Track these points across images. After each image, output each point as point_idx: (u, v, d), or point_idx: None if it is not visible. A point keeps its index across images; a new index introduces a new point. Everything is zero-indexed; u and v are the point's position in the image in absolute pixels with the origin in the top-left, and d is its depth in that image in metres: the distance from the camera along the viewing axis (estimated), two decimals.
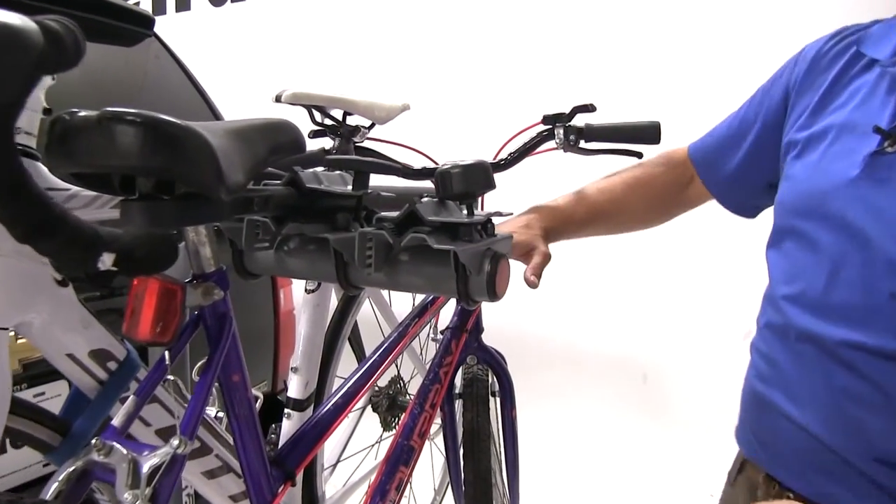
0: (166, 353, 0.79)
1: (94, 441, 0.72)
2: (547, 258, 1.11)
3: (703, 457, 2.64)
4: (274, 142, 0.85)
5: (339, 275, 0.92)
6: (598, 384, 3.27)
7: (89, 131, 0.66)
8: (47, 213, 0.52)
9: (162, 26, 2.08)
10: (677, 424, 3.05)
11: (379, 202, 1.02)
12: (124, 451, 0.72)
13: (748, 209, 1.23)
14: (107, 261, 0.56)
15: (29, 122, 0.80)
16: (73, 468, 0.73)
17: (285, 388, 1.64)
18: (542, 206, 1.25)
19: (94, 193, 0.87)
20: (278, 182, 0.92)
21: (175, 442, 0.72)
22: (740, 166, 1.18)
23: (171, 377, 0.87)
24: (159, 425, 0.97)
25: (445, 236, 0.87)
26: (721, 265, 2.90)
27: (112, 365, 0.90)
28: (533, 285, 1.05)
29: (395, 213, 0.90)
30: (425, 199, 0.89)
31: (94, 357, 0.88)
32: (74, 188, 0.86)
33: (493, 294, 0.88)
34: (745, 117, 1.17)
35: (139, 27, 2.06)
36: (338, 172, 1.00)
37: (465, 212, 0.92)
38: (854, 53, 1.01)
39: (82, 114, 0.67)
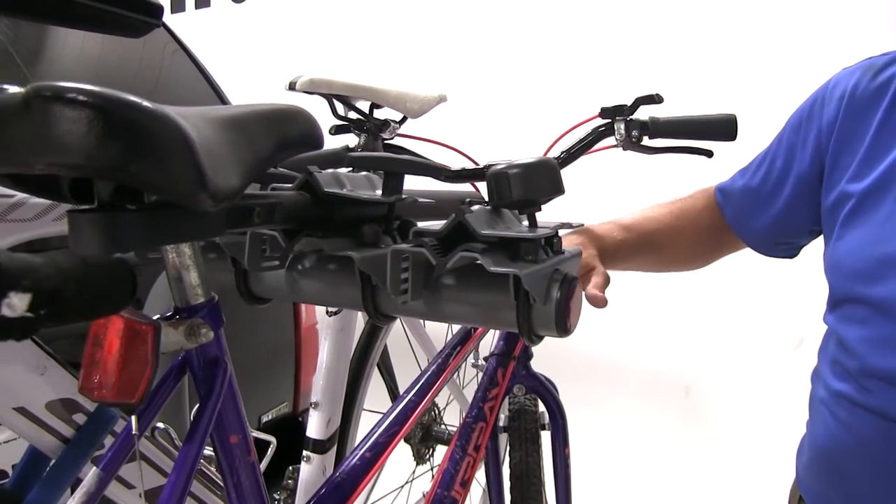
0: (133, 419, 0.59)
1: None
2: (608, 279, 0.98)
3: (747, 474, 2.57)
4: (282, 134, 0.66)
5: (367, 302, 0.73)
6: (639, 398, 3.14)
7: (13, 116, 0.47)
8: None
9: (181, 24, 1.94)
10: (720, 440, 2.93)
11: (415, 211, 0.82)
12: None
13: (789, 252, 1.17)
14: (17, 304, 0.37)
15: None
16: None
17: (307, 410, 1.45)
18: (592, 228, 1.12)
19: (46, 202, 0.68)
20: (289, 186, 0.73)
21: None
22: (776, 221, 1.10)
23: (161, 425, 0.68)
24: (147, 486, 0.78)
25: (503, 255, 0.67)
26: (767, 274, 2.75)
27: (79, 418, 0.72)
28: (601, 302, 0.92)
29: (436, 225, 0.70)
30: (476, 208, 0.69)
31: (55, 409, 0.70)
32: (19, 194, 0.67)
33: (564, 328, 0.68)
34: (773, 166, 1.09)
35: (147, 16, 1.91)
36: (364, 174, 0.80)
37: (525, 223, 0.72)
38: None
39: (8, 91, 0.48)
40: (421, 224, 0.75)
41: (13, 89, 0.49)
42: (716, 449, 2.86)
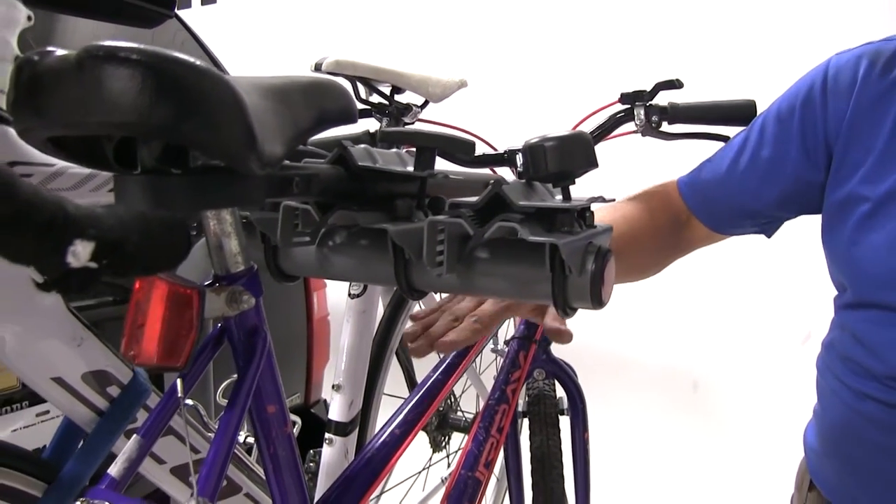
0: (178, 381, 0.59)
1: (78, 502, 0.53)
2: None
3: (755, 467, 2.56)
4: (321, 107, 0.66)
5: (399, 277, 0.72)
6: (647, 392, 3.16)
7: (66, 77, 0.47)
8: None
9: (187, 20, 1.95)
10: (728, 434, 2.95)
11: (444, 188, 0.82)
12: None
13: (763, 230, 1.09)
14: (81, 253, 0.37)
15: None
16: None
17: (318, 402, 1.44)
18: None
19: (86, 171, 0.68)
20: (323, 160, 0.73)
21: None
22: (761, 211, 1.04)
23: (189, 402, 0.68)
24: (176, 462, 0.79)
25: (539, 226, 0.67)
26: (774, 269, 2.76)
27: (113, 390, 0.72)
28: (567, 337, 0.88)
29: (469, 199, 0.70)
30: (511, 180, 0.69)
31: (91, 381, 0.70)
32: (59, 163, 0.67)
33: (598, 300, 0.68)
34: (759, 156, 1.01)
35: (159, 7, 1.91)
36: (394, 150, 0.80)
37: (558, 197, 0.72)
38: None
39: (58, 53, 0.48)
40: (454, 199, 0.75)
41: (61, 52, 0.49)
42: (723, 443, 2.87)
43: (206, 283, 0.63)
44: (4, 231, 0.34)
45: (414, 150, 0.78)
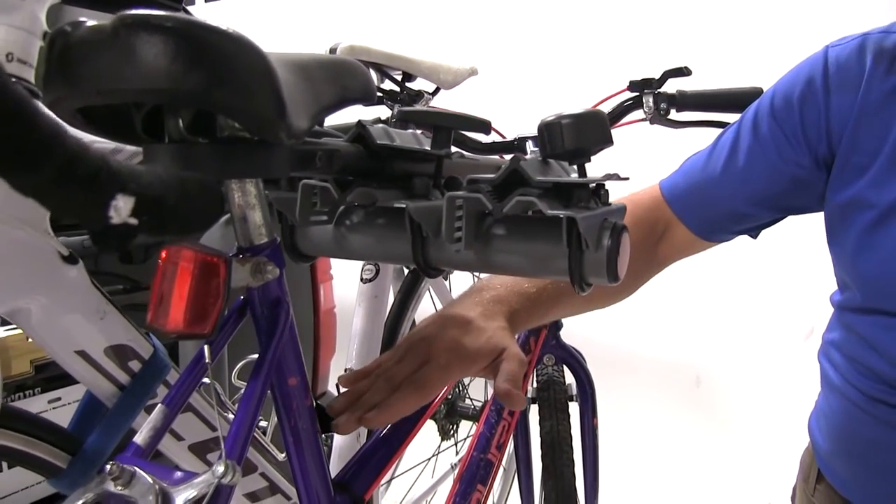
0: (205, 347, 0.60)
1: (109, 466, 0.54)
2: (524, 364, 0.80)
3: (758, 462, 2.54)
4: (343, 84, 0.67)
5: (417, 255, 0.73)
6: (649, 387, 3.12)
7: (101, 46, 0.48)
8: (31, 123, 0.34)
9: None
10: (731, 429, 2.92)
11: (460, 169, 0.83)
12: (150, 480, 0.53)
13: (751, 231, 1.05)
14: (122, 208, 0.38)
15: (24, 48, 0.61)
16: (81, 501, 0.54)
17: (325, 393, 1.45)
18: (487, 285, 0.91)
19: (112, 144, 0.69)
20: (342, 138, 0.73)
21: (220, 468, 0.53)
22: (754, 213, 0.99)
23: (207, 380, 0.69)
24: (194, 439, 0.79)
25: (556, 202, 0.68)
26: (777, 265, 2.75)
27: (134, 365, 0.72)
28: (518, 403, 0.75)
29: (488, 176, 0.71)
30: (529, 156, 0.70)
31: (113, 355, 0.70)
32: (86, 137, 0.68)
33: (614, 275, 0.69)
34: (751, 152, 0.96)
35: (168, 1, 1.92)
36: (410, 131, 0.81)
37: (574, 175, 0.73)
38: None
39: (91, 24, 0.49)
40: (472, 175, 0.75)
41: (93, 22, 0.50)
42: (726, 438, 2.86)
43: (231, 254, 0.64)
44: (52, 182, 0.35)
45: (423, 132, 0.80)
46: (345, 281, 2.00)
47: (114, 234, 0.42)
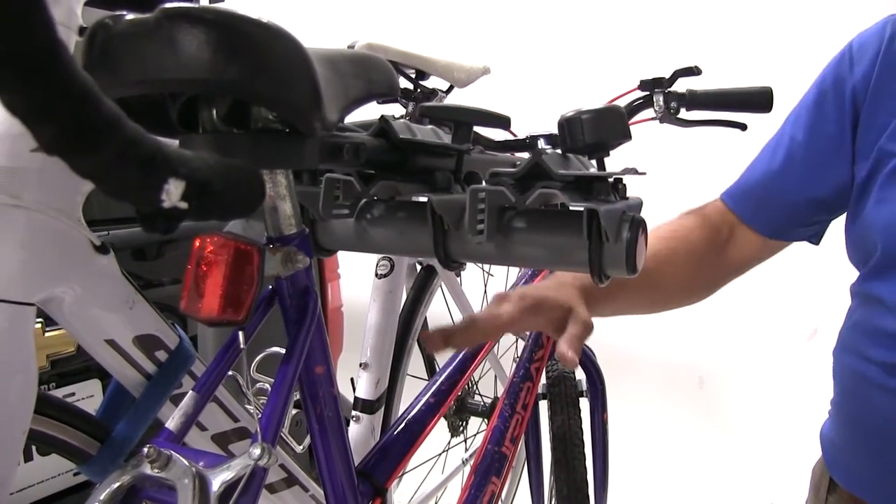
0: (240, 333, 0.61)
1: (146, 449, 0.55)
2: (589, 328, 0.84)
3: (761, 463, 2.54)
4: (369, 79, 0.68)
5: (438, 248, 0.74)
6: (654, 388, 3.16)
7: (143, 37, 0.49)
8: (92, 106, 0.35)
9: None
10: (734, 430, 2.95)
11: (479, 164, 0.85)
12: (186, 463, 0.55)
13: (812, 235, 1.09)
14: (174, 192, 0.39)
15: None
16: (118, 484, 0.56)
17: None
18: (556, 274, 0.98)
19: None
20: (365, 132, 0.75)
21: (256, 451, 0.54)
22: (799, 189, 1.01)
23: (230, 372, 0.70)
24: (217, 430, 0.80)
25: (577, 195, 0.69)
26: (781, 265, 2.75)
27: (161, 355, 0.74)
28: (571, 363, 0.80)
29: (509, 170, 0.72)
30: (549, 151, 0.72)
31: (140, 345, 0.71)
32: None
33: (633, 267, 0.70)
34: (794, 144, 1.00)
35: None
36: (430, 127, 0.82)
37: (593, 169, 0.74)
38: None
39: (132, 16, 0.50)
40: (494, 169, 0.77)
41: (134, 15, 0.51)
42: (730, 439, 2.88)
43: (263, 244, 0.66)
44: (111, 164, 0.36)
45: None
46: (353, 280, 2.01)
47: (164, 217, 0.43)
